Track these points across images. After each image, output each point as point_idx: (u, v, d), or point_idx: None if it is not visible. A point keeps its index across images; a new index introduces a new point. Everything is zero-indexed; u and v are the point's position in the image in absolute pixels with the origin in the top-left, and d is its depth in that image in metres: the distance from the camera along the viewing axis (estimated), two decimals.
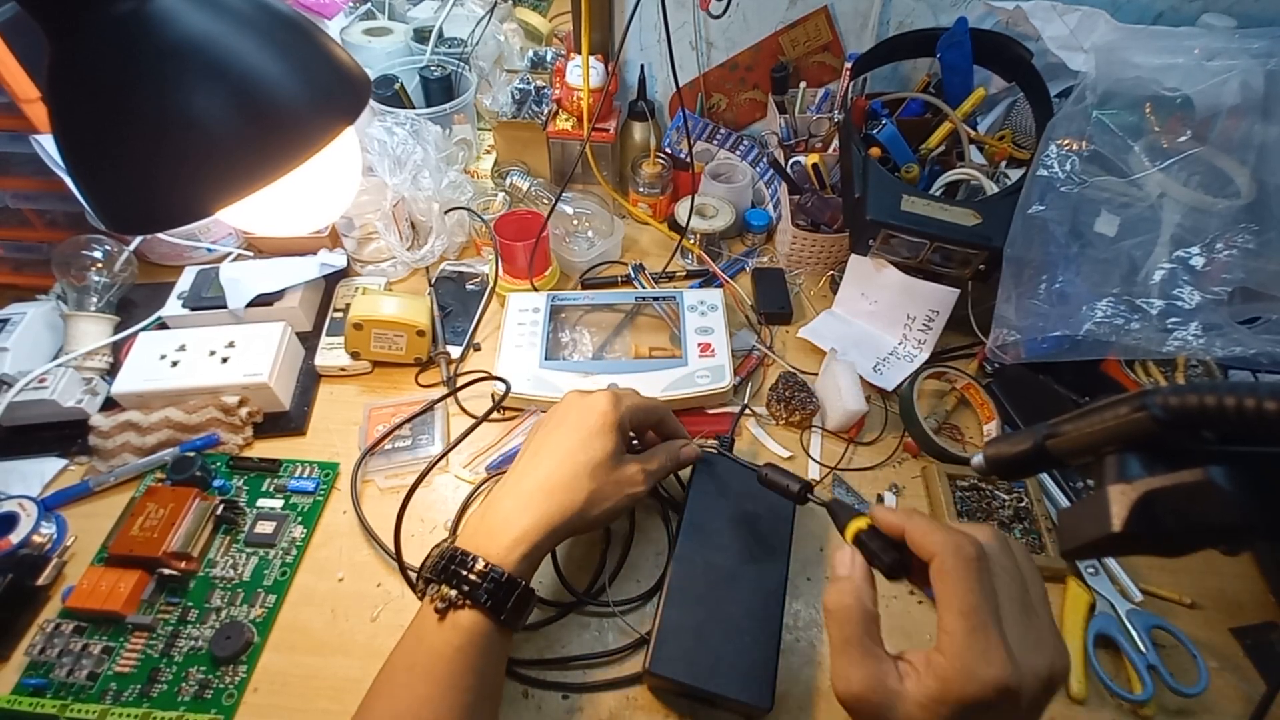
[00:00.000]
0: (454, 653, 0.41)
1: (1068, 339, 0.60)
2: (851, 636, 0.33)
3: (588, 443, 0.48)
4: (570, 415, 0.50)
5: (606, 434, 0.49)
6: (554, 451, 0.48)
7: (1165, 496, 0.24)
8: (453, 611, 0.42)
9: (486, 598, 0.42)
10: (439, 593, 0.42)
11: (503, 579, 0.42)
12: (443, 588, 0.42)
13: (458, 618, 0.42)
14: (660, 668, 0.47)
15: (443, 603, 0.42)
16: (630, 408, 0.51)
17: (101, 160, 0.33)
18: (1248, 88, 0.57)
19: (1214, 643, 0.53)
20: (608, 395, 0.51)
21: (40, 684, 0.50)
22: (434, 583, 0.43)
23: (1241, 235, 0.56)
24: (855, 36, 0.87)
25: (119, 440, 0.63)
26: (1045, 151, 0.62)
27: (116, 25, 0.30)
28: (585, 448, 0.48)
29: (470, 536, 0.45)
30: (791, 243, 0.81)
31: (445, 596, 0.42)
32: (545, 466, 0.48)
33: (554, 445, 0.49)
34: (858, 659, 0.32)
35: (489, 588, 0.42)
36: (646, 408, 0.54)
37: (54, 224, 0.92)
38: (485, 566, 0.42)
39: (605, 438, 0.49)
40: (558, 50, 0.94)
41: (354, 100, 0.37)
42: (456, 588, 0.42)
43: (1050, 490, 0.62)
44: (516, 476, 0.48)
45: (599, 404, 0.50)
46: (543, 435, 0.51)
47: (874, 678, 0.32)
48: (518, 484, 0.47)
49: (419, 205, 0.79)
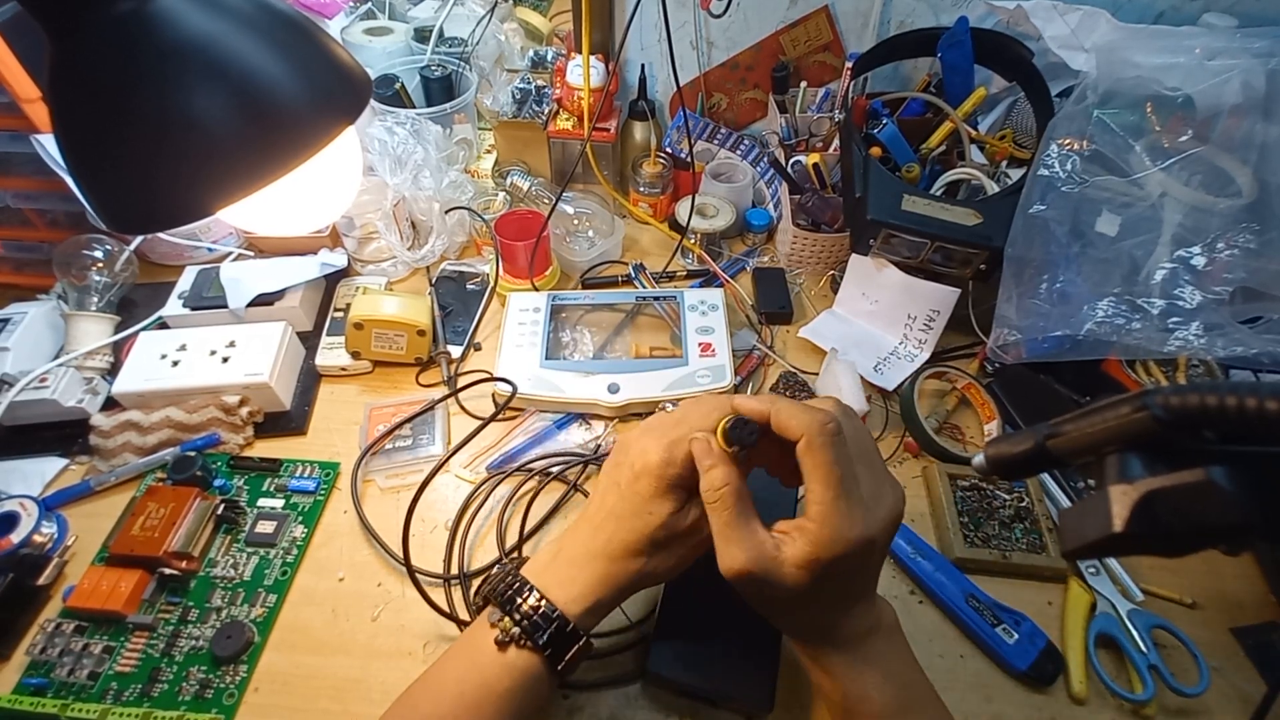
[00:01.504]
0: (505, 690, 0.39)
1: (1069, 339, 0.60)
2: (731, 518, 0.37)
3: (639, 511, 0.41)
4: (621, 474, 0.42)
5: (657, 499, 0.41)
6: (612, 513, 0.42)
7: (1166, 496, 0.24)
8: (514, 647, 0.40)
9: (546, 643, 0.40)
10: (502, 622, 0.40)
11: (566, 628, 0.40)
12: (506, 619, 0.40)
13: (518, 656, 0.40)
14: (660, 667, 0.47)
15: (505, 635, 0.40)
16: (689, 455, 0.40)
17: (102, 160, 0.33)
18: (1249, 87, 0.56)
19: (1215, 643, 0.53)
20: (654, 451, 0.41)
21: (41, 683, 0.50)
22: (495, 607, 0.41)
23: (1243, 235, 0.56)
24: (856, 36, 0.87)
25: (120, 440, 0.63)
26: (1046, 151, 0.62)
27: (117, 25, 0.30)
28: (638, 514, 0.41)
29: (538, 574, 0.43)
30: (792, 242, 0.81)
31: (508, 631, 0.40)
32: (607, 531, 0.42)
33: (611, 508, 0.42)
34: (739, 537, 0.37)
35: (552, 633, 0.40)
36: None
37: (55, 224, 0.92)
38: (550, 607, 0.40)
39: (657, 503, 0.41)
40: (558, 50, 0.94)
41: (354, 100, 0.37)
42: (518, 623, 0.40)
43: (1051, 490, 0.62)
44: (590, 530, 0.43)
45: (640, 463, 0.41)
46: (603, 489, 0.44)
47: (756, 549, 0.36)
48: (591, 540, 0.43)
49: (419, 205, 0.79)
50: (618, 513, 0.42)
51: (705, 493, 0.39)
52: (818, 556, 0.35)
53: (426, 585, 0.52)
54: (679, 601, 0.50)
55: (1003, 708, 0.50)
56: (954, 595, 0.54)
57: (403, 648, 0.53)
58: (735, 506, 0.38)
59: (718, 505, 0.38)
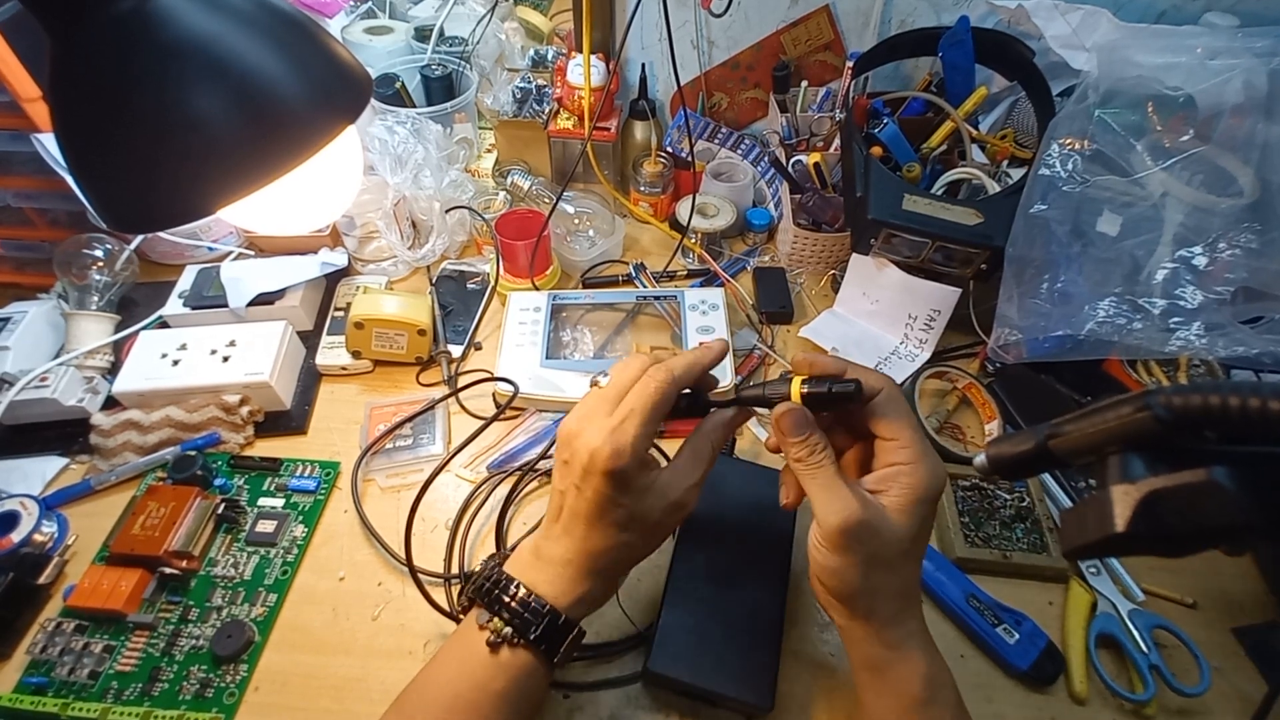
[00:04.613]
0: (501, 690, 0.39)
1: (1070, 339, 0.60)
2: (833, 476, 0.38)
3: (601, 507, 0.40)
4: (573, 476, 0.40)
5: (615, 492, 0.39)
6: (575, 514, 0.41)
7: (1168, 497, 0.24)
8: (506, 647, 0.39)
9: (539, 638, 0.39)
10: (492, 623, 0.40)
11: (559, 621, 0.40)
12: (495, 619, 0.40)
13: (511, 656, 0.40)
14: (661, 666, 0.47)
15: (496, 636, 0.39)
16: (637, 440, 0.39)
17: (103, 159, 0.33)
18: (1251, 87, 0.56)
19: (1215, 643, 0.53)
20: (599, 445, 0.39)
21: (41, 683, 0.50)
22: (482, 608, 0.41)
23: (1244, 235, 0.56)
24: (857, 35, 0.87)
25: (120, 439, 0.63)
26: (1047, 150, 0.61)
27: (118, 24, 0.30)
28: (602, 511, 0.40)
29: (523, 571, 0.42)
30: (793, 242, 0.81)
31: (499, 631, 0.39)
32: (576, 532, 0.41)
33: (573, 509, 0.41)
34: (841, 492, 0.37)
35: (544, 627, 0.39)
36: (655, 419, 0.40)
37: (55, 223, 0.92)
38: (539, 602, 0.40)
39: (617, 495, 0.39)
40: (559, 49, 0.94)
41: (355, 99, 0.37)
42: (509, 622, 0.39)
43: (1053, 490, 0.62)
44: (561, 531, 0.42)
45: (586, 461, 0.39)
46: (559, 490, 0.42)
47: (862, 499, 0.37)
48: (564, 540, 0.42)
49: (420, 204, 0.79)
50: (582, 514, 0.40)
51: (801, 459, 0.38)
52: (918, 498, 0.37)
53: (427, 585, 0.52)
54: (680, 601, 0.50)
55: (1003, 708, 0.50)
56: (955, 595, 0.54)
57: (403, 647, 0.53)
58: (833, 464, 0.38)
59: (821, 467, 0.38)
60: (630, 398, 0.40)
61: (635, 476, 0.39)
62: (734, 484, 0.56)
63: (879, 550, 0.37)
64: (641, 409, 0.39)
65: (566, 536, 0.42)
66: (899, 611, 0.39)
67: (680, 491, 0.41)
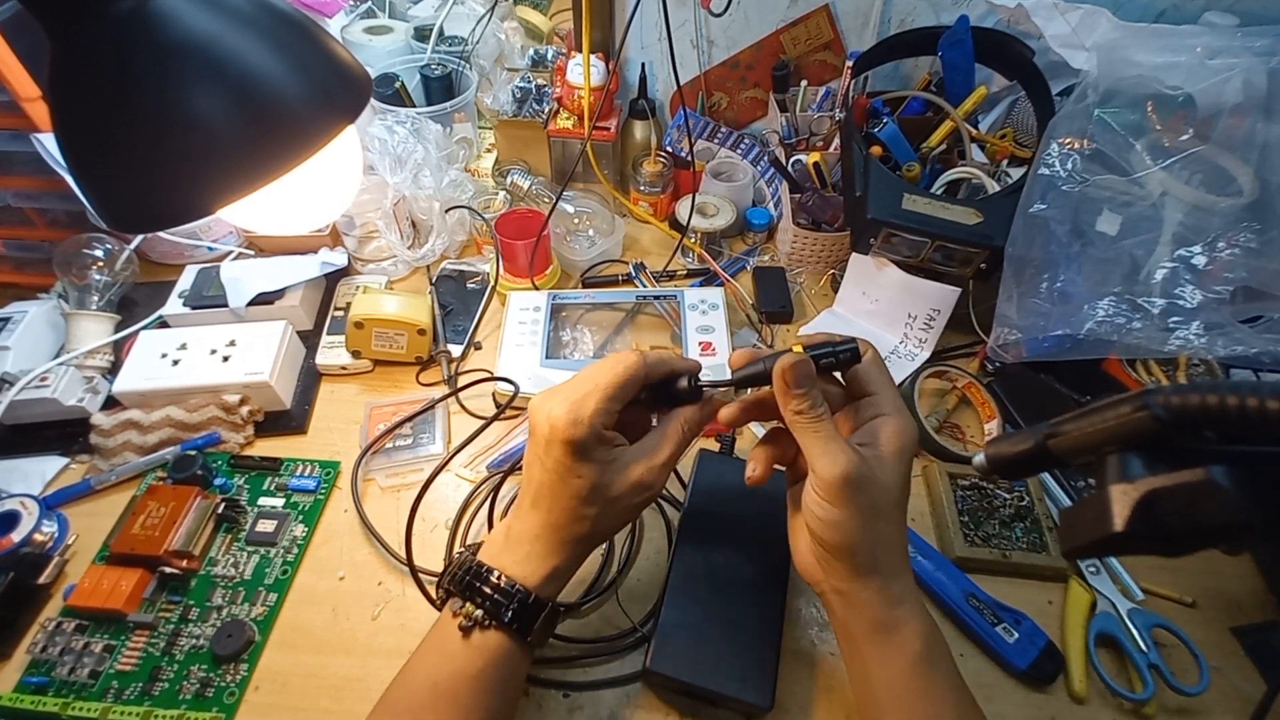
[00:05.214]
0: (478, 673, 0.40)
1: (1069, 338, 0.60)
2: (833, 431, 0.39)
3: (564, 478, 0.41)
4: (538, 448, 0.42)
5: (576, 463, 0.40)
6: (542, 486, 0.42)
7: (1167, 496, 0.24)
8: (478, 631, 0.40)
9: (512, 618, 0.40)
10: (464, 609, 0.40)
11: (529, 600, 0.40)
12: (467, 605, 0.41)
13: (484, 638, 0.40)
14: (661, 666, 0.47)
15: (468, 621, 0.40)
16: (595, 413, 0.40)
17: (102, 159, 0.33)
18: (1250, 86, 0.56)
19: (1215, 642, 0.53)
20: (559, 414, 0.40)
21: (42, 682, 0.50)
22: (456, 596, 0.41)
23: (1243, 234, 0.56)
24: (856, 35, 0.87)
25: (120, 439, 0.63)
26: (1047, 150, 0.61)
27: (117, 24, 0.30)
28: (565, 482, 0.41)
29: (495, 557, 0.43)
30: (792, 241, 0.81)
31: (471, 615, 0.40)
32: (544, 505, 0.42)
33: (539, 482, 0.42)
34: (841, 444, 0.38)
35: (515, 608, 0.40)
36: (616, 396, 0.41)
37: (55, 223, 0.92)
38: (509, 584, 0.41)
39: (578, 467, 0.40)
40: (558, 48, 0.94)
41: (355, 99, 0.37)
42: (481, 605, 0.40)
43: (1052, 490, 0.62)
44: (529, 506, 0.43)
45: (548, 430, 0.40)
46: (528, 463, 0.44)
47: (858, 451, 0.38)
48: (532, 515, 0.43)
49: (420, 204, 0.79)
50: (547, 485, 0.42)
51: (803, 412, 0.39)
52: (902, 445, 0.39)
53: (427, 584, 0.52)
54: (679, 601, 0.50)
55: (1003, 707, 0.50)
56: (954, 594, 0.54)
57: (403, 647, 0.53)
58: (832, 421, 0.39)
59: (823, 420, 0.39)
60: (594, 374, 0.42)
61: (593, 448, 0.40)
62: (734, 484, 0.56)
63: (878, 499, 0.38)
64: (605, 385, 0.41)
65: (534, 510, 0.43)
66: (899, 563, 0.40)
67: (643, 470, 0.42)
